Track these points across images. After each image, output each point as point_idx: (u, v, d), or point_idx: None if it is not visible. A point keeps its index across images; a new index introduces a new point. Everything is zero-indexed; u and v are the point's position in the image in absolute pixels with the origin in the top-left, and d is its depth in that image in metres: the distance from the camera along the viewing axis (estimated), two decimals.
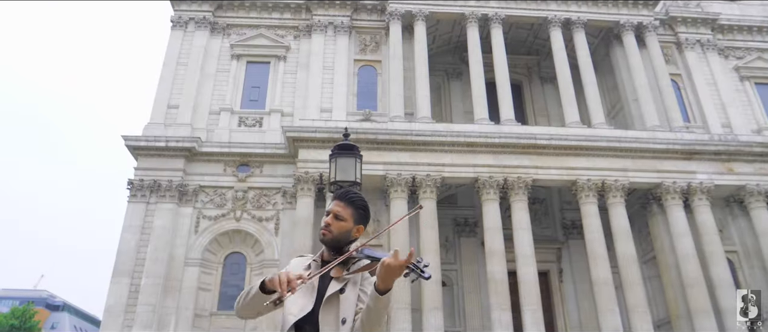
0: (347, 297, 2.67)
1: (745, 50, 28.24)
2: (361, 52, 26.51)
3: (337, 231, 2.88)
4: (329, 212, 2.93)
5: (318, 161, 22.01)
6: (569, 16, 26.09)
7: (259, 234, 21.79)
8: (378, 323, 2.50)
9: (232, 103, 25.04)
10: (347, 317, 2.62)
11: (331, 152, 9.86)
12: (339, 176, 9.48)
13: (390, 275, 2.35)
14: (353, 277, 2.74)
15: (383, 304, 2.43)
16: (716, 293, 20.65)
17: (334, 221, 2.88)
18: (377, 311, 2.44)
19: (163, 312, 19.96)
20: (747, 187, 22.76)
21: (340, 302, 2.66)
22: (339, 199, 2.97)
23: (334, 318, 2.62)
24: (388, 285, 2.38)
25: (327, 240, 2.88)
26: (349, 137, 10.58)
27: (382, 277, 2.37)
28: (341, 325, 2.59)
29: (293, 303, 2.66)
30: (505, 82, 24.52)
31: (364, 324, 2.54)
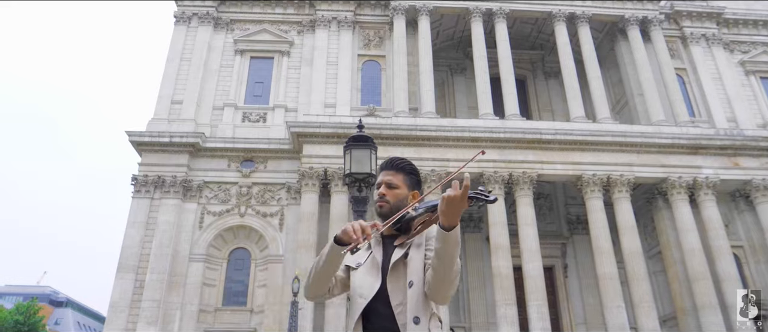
0: (412, 260, 2.53)
1: (751, 44, 28.10)
2: (364, 47, 26.43)
3: (394, 200, 2.69)
4: (380, 183, 2.75)
5: (322, 156, 22.01)
6: (574, 11, 25.96)
7: (264, 230, 21.77)
8: (450, 267, 2.32)
9: (236, 98, 25.01)
10: (414, 279, 2.48)
11: (346, 143, 9.76)
12: (354, 168, 9.36)
13: (453, 208, 2.19)
14: (417, 239, 2.58)
15: (453, 242, 2.25)
16: (722, 288, 20.57)
17: (388, 190, 2.71)
18: (448, 253, 2.28)
19: (168, 307, 19.96)
20: (753, 181, 22.67)
21: (406, 267, 2.52)
22: (386, 168, 2.81)
23: (402, 285, 2.48)
24: (452, 220, 2.21)
25: (385, 212, 2.66)
26: (363, 128, 10.48)
27: (445, 212, 2.21)
28: (408, 288, 2.46)
29: (361, 284, 2.55)
30: (509, 77, 24.43)
31: (436, 272, 2.35)
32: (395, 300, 2.45)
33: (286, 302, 19.15)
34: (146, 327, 19.30)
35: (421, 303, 2.44)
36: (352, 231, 2.33)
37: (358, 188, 9.40)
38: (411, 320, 2.39)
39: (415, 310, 2.41)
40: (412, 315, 2.39)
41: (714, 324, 19.74)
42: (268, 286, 20.51)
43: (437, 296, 2.42)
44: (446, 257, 2.29)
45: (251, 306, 20.61)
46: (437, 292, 2.41)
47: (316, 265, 2.55)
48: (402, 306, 2.43)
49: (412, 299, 2.43)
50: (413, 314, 2.40)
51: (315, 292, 2.62)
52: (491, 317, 21.42)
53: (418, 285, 2.46)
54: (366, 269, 2.58)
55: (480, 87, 24.14)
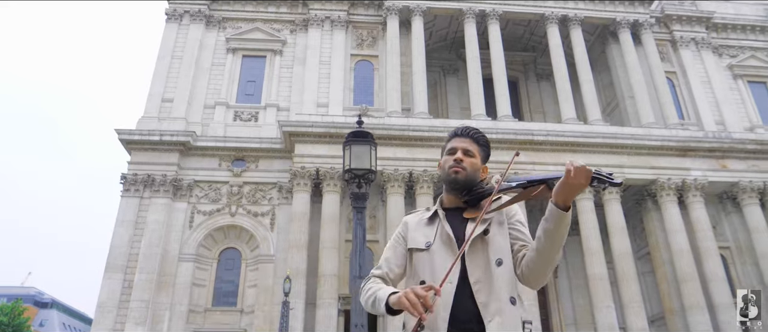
0: (495, 238, 2.38)
1: (739, 49, 28.47)
2: (357, 47, 26.39)
3: (471, 169, 2.51)
4: (455, 149, 2.56)
5: (314, 155, 21.94)
6: (566, 13, 26.12)
7: (255, 229, 21.64)
8: (559, 249, 2.21)
9: (228, 97, 24.85)
10: (503, 258, 2.33)
11: (346, 139, 9.68)
12: (354, 164, 9.27)
13: (573, 188, 2.08)
14: (497, 216, 2.42)
15: (566, 223, 2.14)
16: (709, 288, 20.80)
17: (465, 157, 2.53)
18: (560, 234, 2.16)
19: (157, 307, 19.76)
20: (740, 183, 22.93)
21: (487, 244, 2.35)
22: (461, 135, 2.63)
23: (483, 262, 2.32)
24: (569, 201, 2.11)
25: (461, 179, 2.48)
26: (362, 124, 10.44)
27: (563, 192, 2.09)
28: (496, 267, 2.31)
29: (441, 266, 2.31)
30: (502, 78, 24.52)
31: (541, 254, 2.22)
32: (474, 277, 2.29)
33: (277, 302, 19.06)
34: (134, 328, 19.09)
35: (513, 284, 2.33)
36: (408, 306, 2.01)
37: (358, 185, 9.33)
38: (507, 300, 2.26)
39: (510, 290, 2.29)
40: (507, 295, 2.27)
41: (701, 323, 19.95)
42: (258, 286, 20.38)
43: (536, 280, 2.30)
44: (558, 238, 2.17)
45: (241, 307, 20.46)
46: (538, 276, 2.29)
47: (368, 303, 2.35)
48: (481, 284, 2.28)
49: (503, 278, 2.30)
50: (508, 294, 2.27)
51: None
52: None
53: (508, 264, 2.34)
54: (439, 248, 2.37)
55: (472, 88, 24.19)
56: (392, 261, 2.51)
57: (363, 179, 9.23)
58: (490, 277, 2.28)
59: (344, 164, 9.45)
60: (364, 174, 9.31)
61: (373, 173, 9.39)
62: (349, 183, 9.43)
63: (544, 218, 2.18)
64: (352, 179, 9.27)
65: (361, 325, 8.80)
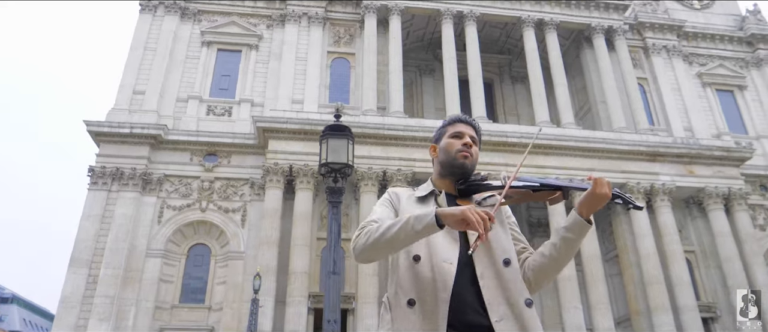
0: (498, 235, 2.29)
1: (708, 57, 29.13)
2: (334, 44, 26.26)
3: (476, 156, 2.49)
4: (462, 133, 2.50)
5: (288, 152, 21.77)
6: (542, 17, 26.40)
7: (225, 226, 21.36)
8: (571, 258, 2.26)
9: (201, 91, 24.50)
10: (511, 258, 2.26)
11: (323, 132, 9.53)
12: (330, 158, 9.15)
13: (598, 203, 2.14)
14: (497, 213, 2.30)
15: (585, 235, 2.21)
16: (674, 291, 21.24)
17: (473, 144, 2.50)
18: (577, 245, 2.21)
19: (122, 303, 19.36)
20: (706, 189, 23.46)
21: (490, 240, 2.24)
22: (464, 122, 2.57)
23: (488, 258, 2.23)
24: (592, 212, 2.16)
25: (469, 165, 2.44)
26: (340, 118, 10.31)
27: (592, 206, 2.14)
28: (504, 266, 2.22)
29: (442, 246, 2.22)
30: (477, 79, 24.66)
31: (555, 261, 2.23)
32: (479, 269, 2.21)
33: (246, 299, 18.83)
34: (98, 324, 18.66)
35: (525, 286, 2.25)
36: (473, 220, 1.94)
37: (334, 179, 9.22)
38: (522, 303, 2.18)
39: (524, 293, 2.21)
40: (522, 297, 2.19)
41: (665, 324, 20.36)
42: (227, 283, 20.11)
43: (541, 285, 2.29)
44: (574, 248, 2.21)
45: (210, 304, 20.16)
46: (545, 281, 2.30)
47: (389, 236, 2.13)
48: (486, 280, 2.19)
49: (515, 279, 2.22)
50: (523, 296, 2.20)
51: (371, 258, 2.28)
52: None
53: (515, 264, 2.27)
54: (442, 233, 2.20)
55: (448, 88, 24.28)
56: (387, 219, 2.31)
57: (339, 174, 9.13)
58: (496, 275, 2.20)
59: (321, 157, 9.32)
60: (341, 168, 9.20)
61: (350, 168, 9.29)
62: (325, 177, 9.31)
63: (564, 227, 2.20)
64: (329, 173, 9.15)
65: (333, 321, 8.72)
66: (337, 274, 9.04)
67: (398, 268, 2.27)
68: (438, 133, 2.61)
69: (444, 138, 2.54)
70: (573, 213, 2.16)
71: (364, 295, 19.16)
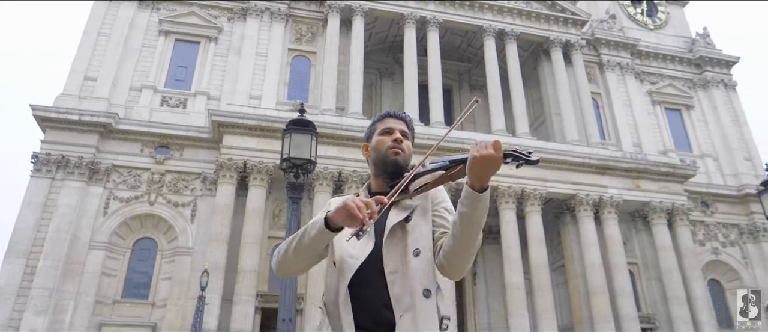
0: (417, 226, 2.22)
1: (659, 76, 30.20)
2: (296, 41, 26.01)
3: (408, 151, 2.43)
4: (391, 128, 2.44)
5: (243, 148, 21.45)
6: (503, 28, 26.84)
7: (174, 220, 20.85)
8: (476, 235, 2.03)
9: (156, 81, 23.87)
10: (421, 248, 2.17)
11: (286, 126, 9.34)
12: (293, 153, 8.97)
13: (486, 167, 1.93)
14: (422, 203, 2.27)
15: (483, 206, 2.00)
16: (617, 301, 21.89)
17: (404, 139, 2.43)
18: (476, 219, 2.00)
19: (61, 296, 18.65)
20: (651, 203, 24.28)
21: (407, 232, 2.19)
22: (395, 117, 2.51)
23: (401, 251, 2.16)
24: (484, 181, 1.97)
25: (401, 160, 2.39)
26: (304, 113, 10.17)
27: (476, 173, 1.95)
28: (414, 258, 2.15)
29: (350, 243, 2.16)
30: (437, 85, 24.86)
31: (459, 240, 2.05)
32: (389, 267, 2.13)
33: (192, 296, 18.42)
34: (34, 318, 17.92)
35: (430, 275, 2.15)
36: (356, 210, 1.91)
37: (296, 175, 9.08)
38: (420, 292, 2.09)
39: (425, 282, 2.12)
40: (421, 287, 2.10)
41: None
42: (173, 279, 19.63)
43: (454, 269, 2.14)
44: (474, 223, 2.01)
45: (153, 300, 19.62)
46: (456, 264, 2.12)
47: (295, 240, 2.17)
48: (396, 275, 2.12)
49: (420, 269, 2.14)
50: (423, 286, 2.11)
51: (291, 272, 2.28)
52: None
53: (426, 254, 2.18)
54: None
55: (408, 92, 24.39)
56: None
57: (301, 170, 9.01)
58: (404, 268, 2.13)
59: (282, 152, 9.16)
60: (303, 164, 9.07)
61: (313, 164, 9.16)
62: (286, 172, 9.14)
63: (459, 202, 2.04)
64: (290, 168, 9.01)
65: (288, 320, 8.60)
66: None
67: (326, 274, 2.28)
68: (368, 130, 2.54)
69: (374, 136, 2.47)
70: (465, 185, 2.03)
71: (313, 296, 19.03)
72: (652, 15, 32.72)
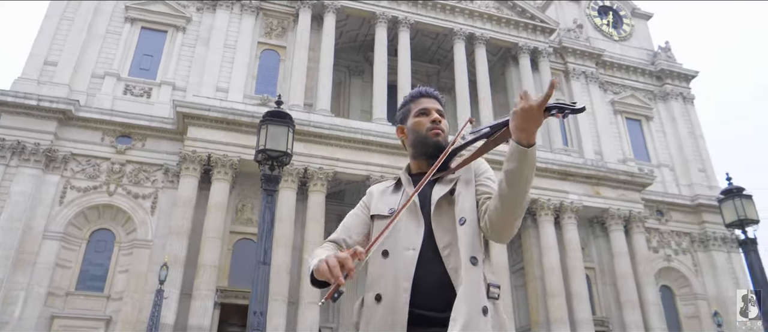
0: (461, 196, 2.18)
1: (621, 87, 31.07)
2: (266, 35, 25.78)
3: (447, 128, 2.39)
4: (428, 109, 2.38)
5: (208, 140, 21.18)
6: (474, 32, 27.16)
7: (133, 212, 20.42)
8: (525, 193, 1.96)
9: (120, 69, 23.33)
10: (466, 216, 2.12)
11: (262, 118, 9.24)
12: (269, 145, 8.87)
13: (530, 120, 1.87)
14: (464, 175, 2.22)
15: (531, 162, 1.92)
16: (573, 304, 22.45)
17: (441, 118, 2.38)
18: (524, 175, 1.92)
19: (11, 287, 18.05)
20: (610, 210, 24.97)
21: (453, 203, 2.16)
22: (428, 96, 2.45)
23: (450, 223, 2.13)
24: (530, 136, 1.89)
25: (442, 141, 2.33)
26: (281, 104, 10.07)
27: (521, 127, 1.88)
28: (459, 226, 2.10)
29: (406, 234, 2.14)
30: (406, 85, 24.95)
31: (505, 199, 1.97)
32: (442, 242, 2.12)
33: (150, 290, 18.12)
34: None
35: (476, 242, 2.11)
36: (327, 272, 1.81)
37: (271, 167, 8.99)
38: (467, 260, 2.04)
39: (472, 249, 2.07)
40: (468, 255, 2.05)
41: None
42: (130, 272, 19.22)
43: (502, 230, 2.06)
44: (522, 180, 1.93)
45: (109, 293, 19.15)
46: (503, 225, 2.04)
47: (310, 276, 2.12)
48: (450, 248, 2.10)
49: (465, 237, 2.09)
50: (469, 254, 2.06)
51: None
52: None
53: (472, 222, 2.13)
54: (403, 213, 2.12)
55: (377, 91, 24.47)
56: (351, 228, 2.33)
57: (277, 162, 8.93)
58: (455, 238, 2.11)
59: (258, 143, 9.05)
60: (279, 156, 8.99)
61: (289, 157, 9.09)
62: (261, 165, 9.07)
63: (505, 160, 1.97)
64: (266, 160, 8.93)
65: (259, 313, 8.51)
66: (266, 264, 8.83)
67: (369, 266, 2.22)
68: (402, 112, 2.49)
69: (410, 117, 2.43)
70: (511, 141, 1.96)
71: (275, 293, 18.85)
72: (618, 27, 33.63)
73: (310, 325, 18.86)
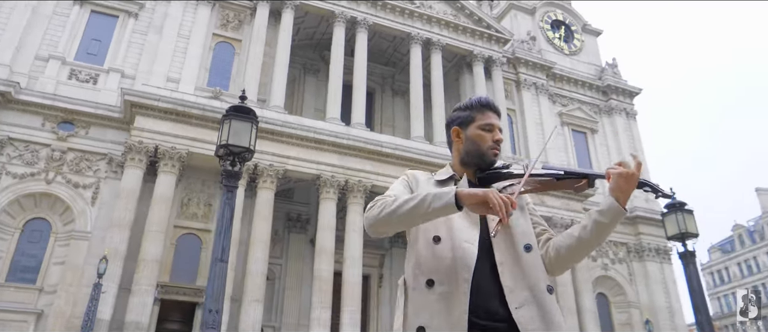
0: (519, 222, 2.26)
1: (569, 99, 32.14)
2: (221, 27, 25.35)
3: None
4: (492, 125, 2.41)
5: (155, 131, 20.70)
6: (431, 37, 27.52)
7: (73, 201, 19.73)
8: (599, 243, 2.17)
9: (66, 52, 22.48)
10: (532, 243, 2.22)
11: (226, 112, 9.09)
12: (232, 140, 8.70)
13: (631, 185, 2.06)
14: (519, 200, 2.30)
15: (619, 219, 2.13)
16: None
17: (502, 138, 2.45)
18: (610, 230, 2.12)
19: None
20: (553, 219, 25.77)
21: (510, 226, 2.21)
22: (494, 111, 2.46)
23: (506, 244, 2.18)
24: (628, 198, 2.08)
25: (497, 161, 2.40)
26: (246, 99, 9.94)
27: (624, 189, 2.06)
28: (525, 252, 2.18)
29: (460, 227, 2.19)
30: (361, 86, 25.10)
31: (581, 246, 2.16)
32: (498, 256, 2.15)
33: (86, 284, 17.58)
34: None
35: (544, 271, 2.20)
36: (497, 205, 1.93)
37: (232, 163, 8.90)
38: (543, 288, 2.13)
39: (545, 278, 2.17)
40: (544, 284, 2.15)
41: None
42: (66, 264, 18.55)
43: (564, 267, 2.24)
44: (605, 234, 2.13)
45: (42, 285, 18.41)
46: (569, 264, 2.24)
47: (406, 210, 2.08)
48: (504, 266, 2.14)
49: (537, 265, 2.18)
50: (545, 282, 2.16)
51: (383, 231, 2.21)
52: (303, 319, 21.70)
53: (537, 251, 2.22)
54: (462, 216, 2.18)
55: (331, 91, 24.46)
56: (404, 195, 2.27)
57: (238, 158, 8.83)
58: (516, 261, 2.15)
59: (220, 138, 8.88)
60: (242, 152, 8.89)
61: (251, 153, 9.01)
62: (222, 160, 8.95)
63: (598, 211, 2.11)
64: (227, 155, 8.79)
65: (215, 311, 8.39)
66: (224, 262, 8.72)
67: (417, 249, 2.21)
68: (463, 117, 2.47)
69: (472, 127, 2.43)
70: (609, 197, 2.10)
71: None
72: (569, 41, 34.77)
73: (253, 323, 18.72)
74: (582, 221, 2.17)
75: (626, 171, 2.06)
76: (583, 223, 2.16)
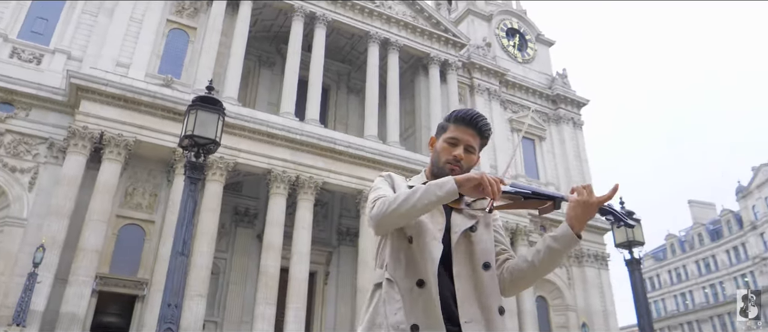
0: (482, 238, 2.23)
1: (520, 106, 33.03)
2: (176, 13, 24.77)
3: (467, 166, 2.33)
4: (457, 140, 2.33)
5: (101, 117, 20.12)
6: (389, 37, 27.74)
7: (9, 186, 18.93)
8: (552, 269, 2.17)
9: (8, 29, 21.49)
10: (490, 262, 2.19)
11: (192, 102, 8.89)
12: (197, 131, 8.51)
13: (589, 214, 2.03)
14: (484, 216, 2.27)
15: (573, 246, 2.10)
16: None
17: (466, 154, 2.33)
18: (562, 257, 2.12)
19: None
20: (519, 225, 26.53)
21: (473, 241, 2.19)
22: (468, 124, 2.36)
23: (465, 258, 2.16)
24: (584, 226, 2.06)
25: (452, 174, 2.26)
26: (212, 90, 9.78)
27: (580, 217, 2.04)
28: (483, 271, 2.15)
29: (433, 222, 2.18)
30: (317, 82, 25.07)
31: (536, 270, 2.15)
32: (456, 268, 2.13)
33: (20, 273, 16.95)
34: None
35: (498, 292, 2.19)
36: (488, 185, 1.97)
37: (197, 154, 8.75)
38: (495, 309, 2.13)
39: (498, 299, 2.17)
40: (496, 304, 2.14)
41: None
42: None
43: (516, 290, 2.25)
44: (558, 260, 2.15)
45: None
46: (522, 287, 2.26)
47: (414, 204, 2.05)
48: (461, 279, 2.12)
49: (492, 286, 2.16)
50: (498, 303, 2.15)
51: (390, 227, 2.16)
52: (246, 315, 21.60)
53: (494, 271, 2.21)
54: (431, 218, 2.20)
55: (287, 85, 24.32)
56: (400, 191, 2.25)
57: (203, 150, 8.69)
58: (471, 277, 2.14)
59: (185, 128, 8.69)
60: (207, 144, 8.72)
61: (217, 145, 8.89)
62: (186, 150, 8.79)
63: (552, 237, 2.10)
64: (192, 147, 8.63)
65: (174, 305, 8.25)
66: (185, 255, 8.58)
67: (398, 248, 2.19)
68: (440, 126, 2.46)
69: (441, 139, 2.40)
70: (564, 225, 2.09)
71: (159, 282, 18.32)
72: (522, 49, 35.71)
73: (196, 318, 18.49)
74: (536, 245, 2.19)
75: (585, 199, 2.04)
76: (537, 247, 2.18)
